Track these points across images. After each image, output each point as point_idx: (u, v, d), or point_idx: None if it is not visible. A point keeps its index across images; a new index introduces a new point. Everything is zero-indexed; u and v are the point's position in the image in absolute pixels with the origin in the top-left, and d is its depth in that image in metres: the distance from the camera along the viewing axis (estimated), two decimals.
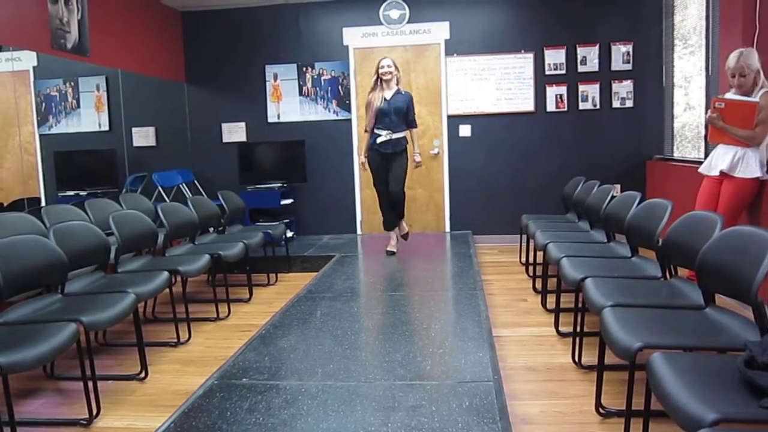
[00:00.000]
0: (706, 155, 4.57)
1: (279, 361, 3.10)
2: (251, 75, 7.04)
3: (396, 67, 5.42)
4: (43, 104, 5.74)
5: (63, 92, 5.92)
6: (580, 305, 3.17)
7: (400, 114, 5.37)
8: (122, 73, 5.98)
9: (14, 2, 4.45)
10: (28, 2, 4.60)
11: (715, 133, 4.09)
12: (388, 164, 5.46)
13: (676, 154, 6.17)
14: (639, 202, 3.69)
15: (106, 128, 6.17)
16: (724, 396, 1.69)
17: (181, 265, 3.95)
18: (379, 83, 5.40)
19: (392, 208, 5.59)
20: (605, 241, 4.17)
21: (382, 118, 5.37)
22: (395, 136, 5.39)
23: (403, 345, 3.28)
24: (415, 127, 5.52)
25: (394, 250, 5.72)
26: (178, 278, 3.99)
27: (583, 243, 4.17)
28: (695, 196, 4.25)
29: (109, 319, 2.97)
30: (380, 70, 5.37)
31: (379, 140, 5.37)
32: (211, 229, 5.33)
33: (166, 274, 3.71)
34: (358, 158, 5.67)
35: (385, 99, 5.36)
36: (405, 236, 5.85)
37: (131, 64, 6.05)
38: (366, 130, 5.52)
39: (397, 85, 5.45)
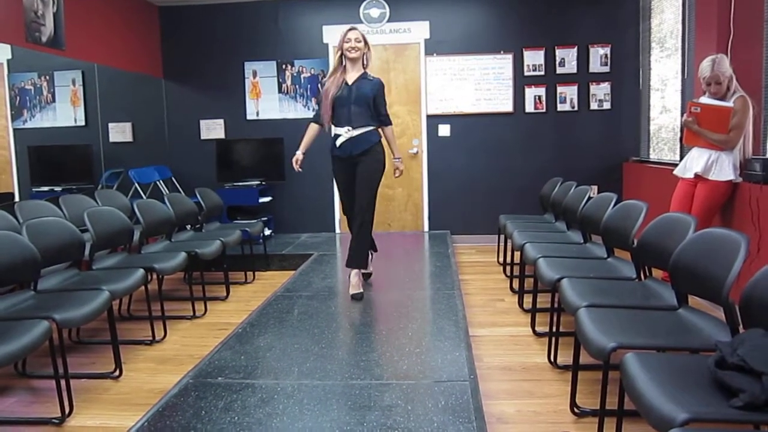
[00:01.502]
0: (682, 158, 4.63)
1: (255, 359, 3.08)
2: (230, 72, 6.99)
3: (366, 43, 4.18)
4: (18, 98, 5.65)
5: (38, 86, 5.83)
6: (556, 305, 3.19)
7: (364, 104, 4.12)
8: (98, 68, 5.90)
9: None
10: None
11: (690, 137, 4.15)
12: (351, 174, 4.23)
13: (653, 156, 6.24)
14: (615, 204, 3.73)
15: (82, 123, 6.09)
16: (695, 396, 1.71)
17: (157, 263, 3.91)
18: (341, 64, 4.20)
19: (355, 236, 4.24)
20: (582, 241, 4.21)
21: (339, 108, 4.12)
22: (357, 132, 4.12)
23: (380, 344, 3.28)
24: (389, 124, 4.28)
25: (361, 291, 4.21)
26: (154, 276, 3.95)
27: (560, 243, 4.21)
28: (670, 197, 4.31)
29: (83, 317, 2.93)
30: (345, 45, 4.13)
31: (338, 142, 4.16)
32: (188, 227, 5.28)
33: (141, 271, 3.67)
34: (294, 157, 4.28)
35: (345, 83, 4.14)
36: (367, 276, 4.63)
37: (108, 59, 5.97)
38: (317, 122, 4.28)
39: (365, 67, 4.23)
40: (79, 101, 6.05)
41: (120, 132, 6.57)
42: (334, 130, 4.20)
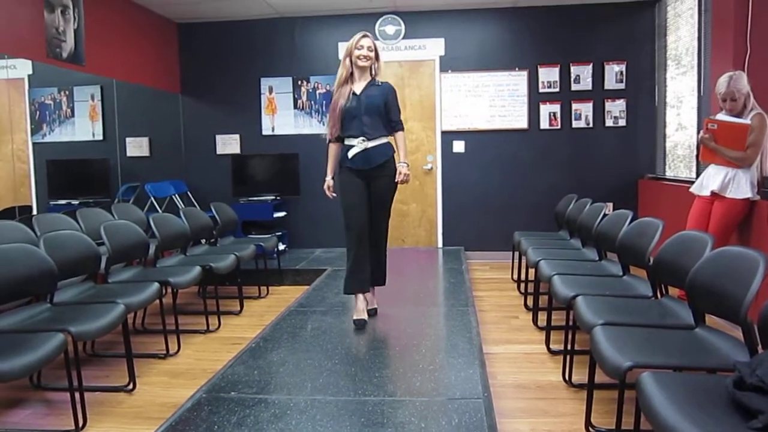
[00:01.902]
0: (698, 175, 4.60)
1: (268, 374, 3.08)
2: (246, 87, 7.05)
3: (377, 54, 3.92)
4: (38, 112, 5.74)
5: (57, 101, 5.92)
6: (571, 323, 3.17)
7: (375, 113, 3.86)
8: (117, 83, 5.98)
9: (10, 10, 4.46)
10: (24, 11, 4.61)
11: (706, 154, 4.12)
12: (366, 187, 3.93)
13: (668, 173, 6.21)
14: (630, 221, 3.71)
15: (100, 138, 6.17)
16: (713, 417, 1.69)
17: (171, 277, 3.93)
18: (350, 73, 3.92)
19: (369, 257, 3.96)
20: (597, 259, 4.18)
21: (350, 121, 3.87)
22: (372, 143, 3.84)
23: (394, 361, 3.27)
24: (401, 129, 3.98)
25: (365, 318, 3.94)
26: (169, 289, 3.97)
27: (575, 261, 4.18)
28: (686, 215, 4.27)
29: (98, 330, 2.95)
30: (356, 51, 3.86)
31: (351, 153, 3.86)
32: (203, 241, 5.32)
33: (156, 285, 3.69)
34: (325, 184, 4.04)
35: (354, 94, 3.88)
36: (372, 312, 4.13)
37: (126, 74, 6.05)
38: (330, 140, 4.02)
39: (373, 76, 3.95)
40: (97, 116, 6.13)
41: (137, 146, 6.64)
42: (347, 141, 3.92)
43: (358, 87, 3.92)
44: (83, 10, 5.23)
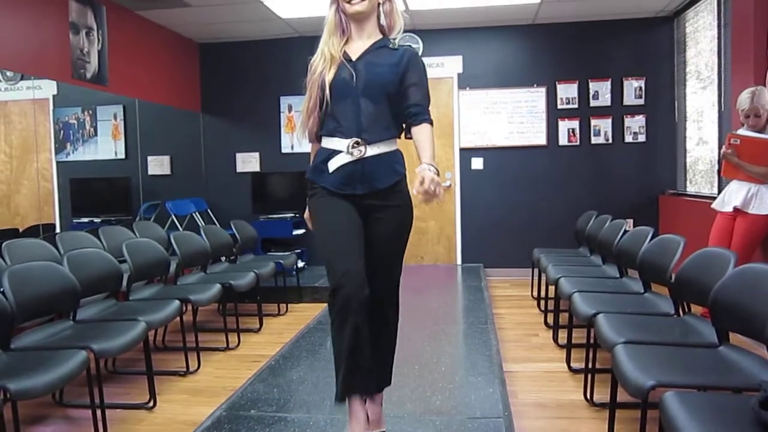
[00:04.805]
0: (720, 191, 4.55)
1: (288, 393, 3.08)
2: (266, 106, 7.12)
3: None
4: (62, 132, 5.85)
5: (81, 120, 6.03)
6: (592, 341, 3.14)
7: (382, 95, 2.36)
8: (139, 103, 6.07)
9: (37, 33, 4.56)
10: (51, 33, 4.71)
11: (729, 169, 4.08)
12: (351, 212, 2.38)
13: (689, 189, 6.15)
14: (651, 238, 3.67)
15: (122, 156, 6.26)
16: None
17: (192, 294, 3.96)
18: (339, 26, 2.42)
19: (368, 334, 2.33)
20: (618, 276, 4.14)
21: (337, 105, 2.36)
22: (373, 151, 2.34)
23: (413, 379, 3.26)
24: (428, 121, 2.38)
25: None
26: (189, 307, 3.99)
27: (596, 278, 4.14)
28: (708, 231, 4.22)
29: (120, 347, 2.97)
30: None
31: (332, 165, 2.36)
32: (223, 258, 5.35)
33: (177, 302, 3.71)
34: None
35: (348, 60, 2.39)
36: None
37: (149, 94, 6.14)
38: (309, 140, 2.55)
39: (383, 32, 2.49)
40: (120, 135, 6.23)
41: (158, 165, 6.73)
42: (326, 142, 2.41)
43: (356, 48, 2.42)
44: (107, 32, 5.34)
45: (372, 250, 2.39)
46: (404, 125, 2.44)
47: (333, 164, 2.35)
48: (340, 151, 2.35)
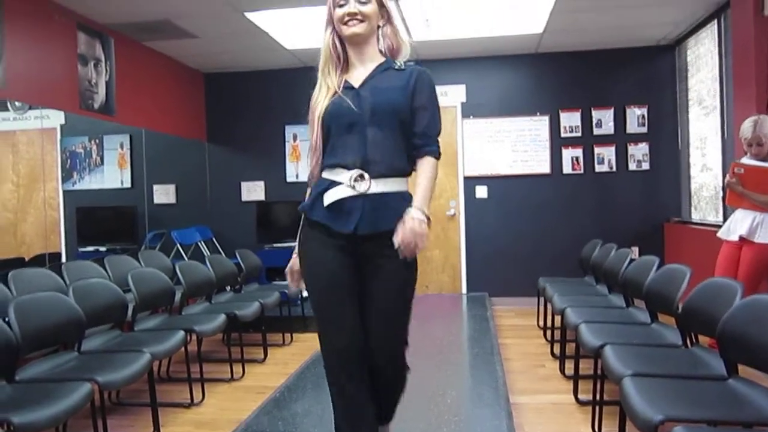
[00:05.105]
0: (725, 218, 4.55)
1: (293, 426, 3.05)
2: (271, 135, 7.17)
3: (383, 3, 2.18)
4: (68, 161, 5.90)
5: (88, 149, 6.09)
6: (599, 372, 3.11)
7: (392, 121, 2.13)
8: (146, 132, 6.12)
9: (47, 65, 4.63)
10: (60, 65, 4.77)
11: (733, 198, 4.08)
12: (357, 270, 2.17)
13: (694, 216, 6.14)
14: (658, 267, 3.66)
15: (128, 185, 6.31)
16: None
17: (197, 325, 3.95)
18: (335, 51, 2.22)
19: (368, 391, 2.20)
20: (624, 306, 4.12)
21: (340, 136, 2.14)
22: (378, 188, 2.10)
23: (418, 411, 3.22)
24: (433, 153, 2.20)
25: None
26: (193, 337, 3.98)
27: (602, 308, 4.12)
28: (714, 259, 4.21)
29: (124, 379, 2.96)
30: (337, 12, 2.15)
31: (328, 198, 2.13)
32: (228, 288, 5.35)
33: (181, 333, 3.71)
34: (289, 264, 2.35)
35: (348, 86, 2.19)
36: None
37: (155, 124, 6.20)
38: (309, 185, 2.30)
39: (385, 53, 2.23)
40: (126, 164, 6.28)
41: (164, 193, 6.77)
42: (327, 173, 2.17)
43: (359, 74, 2.21)
44: (115, 63, 5.40)
45: (370, 306, 2.15)
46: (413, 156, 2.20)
47: (330, 196, 2.11)
48: (341, 183, 2.11)
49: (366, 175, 2.08)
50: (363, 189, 2.07)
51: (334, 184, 2.11)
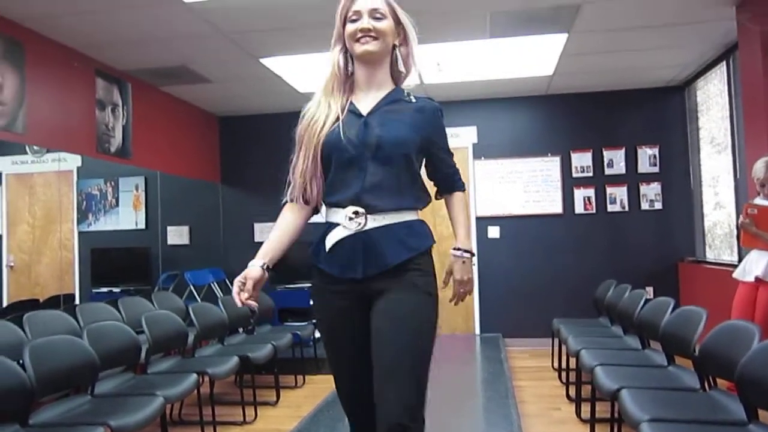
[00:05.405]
0: (740, 257, 4.52)
1: None
2: (284, 176, 7.20)
3: (399, 22, 2.00)
4: (84, 202, 5.98)
5: (103, 191, 6.17)
6: (616, 415, 3.06)
7: (397, 159, 1.96)
8: (161, 174, 6.20)
9: (66, 110, 4.73)
10: (78, 110, 4.88)
11: (748, 239, 4.06)
12: (363, 318, 2.00)
13: (709, 254, 6.10)
14: (673, 308, 3.63)
15: (143, 226, 6.36)
16: None
17: (209, 367, 3.93)
18: (344, 71, 2.06)
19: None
20: (640, 348, 4.07)
21: (341, 168, 2.00)
22: (376, 223, 1.95)
23: None
24: (459, 188, 2.20)
25: None
26: (206, 378, 3.97)
27: (617, 350, 4.07)
28: (730, 299, 4.16)
29: (137, 424, 2.94)
30: (349, 27, 1.98)
31: (330, 239, 2.03)
32: (241, 329, 5.34)
33: (194, 376, 3.69)
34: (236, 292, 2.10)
35: (353, 113, 2.02)
36: None
37: (170, 166, 6.28)
38: (285, 200, 2.32)
39: (398, 78, 2.08)
40: (140, 205, 6.35)
41: (178, 235, 6.81)
42: (328, 213, 2.08)
43: (365, 102, 2.04)
44: (132, 107, 5.51)
45: (380, 351, 1.93)
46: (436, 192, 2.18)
47: (330, 240, 2.00)
48: (338, 224, 1.99)
49: (361, 211, 1.94)
50: (357, 227, 1.94)
51: (332, 226, 2.01)
